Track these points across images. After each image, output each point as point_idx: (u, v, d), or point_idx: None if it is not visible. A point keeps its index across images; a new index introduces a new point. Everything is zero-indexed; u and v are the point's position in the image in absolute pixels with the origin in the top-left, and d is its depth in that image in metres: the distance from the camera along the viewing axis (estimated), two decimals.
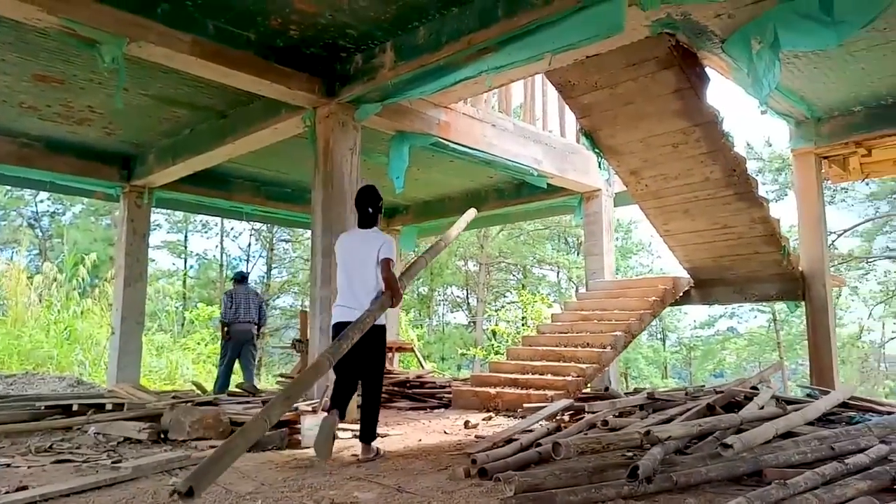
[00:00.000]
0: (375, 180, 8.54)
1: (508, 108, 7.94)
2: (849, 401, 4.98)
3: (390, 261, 4.13)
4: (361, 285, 4.19)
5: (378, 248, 4.17)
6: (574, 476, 2.94)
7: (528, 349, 7.55)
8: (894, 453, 3.48)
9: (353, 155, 6.17)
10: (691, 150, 6.17)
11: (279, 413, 3.35)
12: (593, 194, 8.76)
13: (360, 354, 4.02)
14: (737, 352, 26.79)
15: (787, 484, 2.54)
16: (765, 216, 6.60)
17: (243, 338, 8.70)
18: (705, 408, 4.84)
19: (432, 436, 5.14)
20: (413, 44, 5.35)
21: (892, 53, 5.57)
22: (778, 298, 7.59)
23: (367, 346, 4.01)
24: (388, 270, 4.09)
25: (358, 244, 4.30)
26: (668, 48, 5.37)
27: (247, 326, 8.70)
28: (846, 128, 6.87)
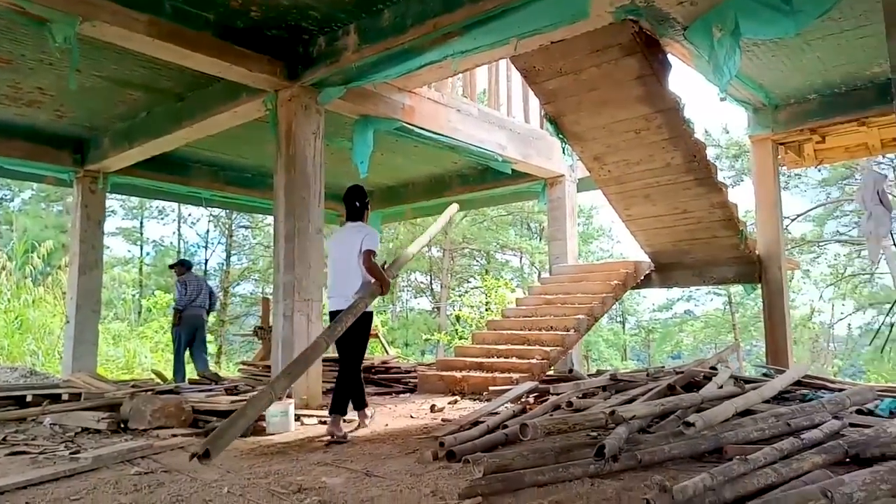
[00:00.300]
0: (339, 165, 8.53)
1: (473, 94, 7.92)
2: (803, 379, 5.15)
3: (371, 251, 4.44)
4: (348, 275, 4.53)
5: (361, 240, 4.49)
6: (542, 456, 2.98)
7: (493, 333, 7.60)
8: (846, 428, 3.61)
9: (317, 139, 6.08)
10: (653, 136, 6.24)
11: (283, 387, 3.79)
12: (557, 180, 8.83)
13: (345, 335, 4.28)
14: (694, 334, 27.49)
15: (747, 459, 2.61)
16: (723, 201, 6.75)
17: (196, 323, 8.65)
18: (666, 388, 4.97)
19: (399, 420, 5.14)
20: (378, 27, 5.28)
21: (846, 43, 5.73)
22: (735, 281, 7.79)
23: (352, 331, 4.30)
24: (369, 260, 4.42)
25: (345, 236, 4.71)
26: (632, 35, 5.40)
27: (199, 312, 8.66)
28: (801, 115, 7.05)
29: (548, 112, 6.50)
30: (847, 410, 4.15)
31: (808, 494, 1.85)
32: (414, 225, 24.56)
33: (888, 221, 5.74)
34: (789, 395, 4.98)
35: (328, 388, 6.93)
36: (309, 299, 5.89)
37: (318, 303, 5.97)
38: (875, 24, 5.31)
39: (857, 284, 21.84)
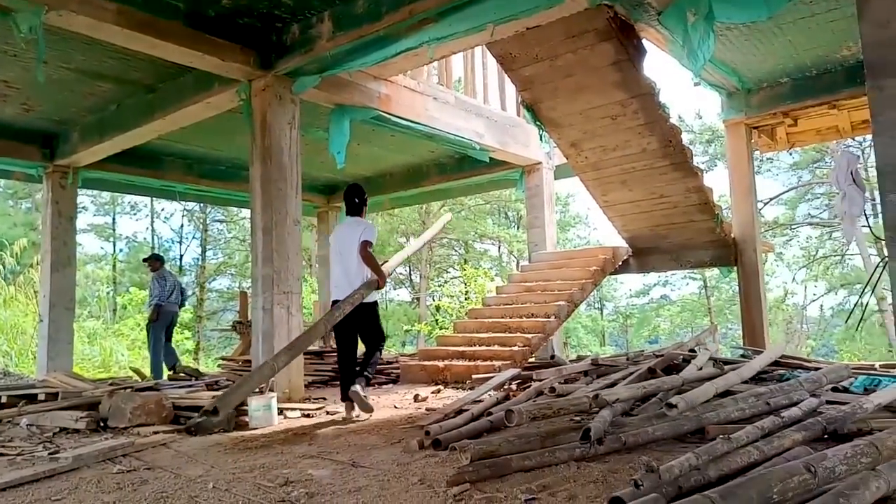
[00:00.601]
0: (315, 156, 8.45)
1: (449, 82, 7.88)
2: (780, 359, 5.24)
3: (368, 242, 4.81)
4: (348, 267, 4.88)
5: (360, 233, 4.85)
6: (527, 441, 2.99)
7: (474, 321, 7.62)
8: (823, 406, 3.68)
9: (292, 129, 6.01)
10: (629, 121, 6.28)
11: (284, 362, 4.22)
12: (534, 167, 8.84)
13: (360, 329, 4.93)
14: (670, 318, 27.87)
15: (730, 438, 2.64)
16: (699, 185, 6.81)
17: (172, 319, 8.71)
18: (647, 371, 5.01)
19: (382, 411, 5.13)
20: (352, 13, 5.22)
21: (816, 26, 5.80)
22: (712, 264, 7.89)
23: (363, 322, 4.90)
24: (364, 250, 4.77)
25: (345, 230, 5.04)
26: (607, 20, 5.41)
27: (174, 308, 8.80)
28: (774, 98, 7.14)
29: (524, 99, 6.50)
30: (823, 388, 4.23)
31: (792, 469, 1.88)
32: (392, 216, 24.49)
33: (861, 201, 5.85)
34: (767, 375, 5.06)
35: (310, 382, 6.92)
36: (288, 291, 5.83)
37: (297, 295, 5.92)
38: (844, 7, 5.38)
39: (829, 266, 22.28)
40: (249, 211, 6.17)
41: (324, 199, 11.68)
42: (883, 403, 3.70)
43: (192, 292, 25.06)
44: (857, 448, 2.12)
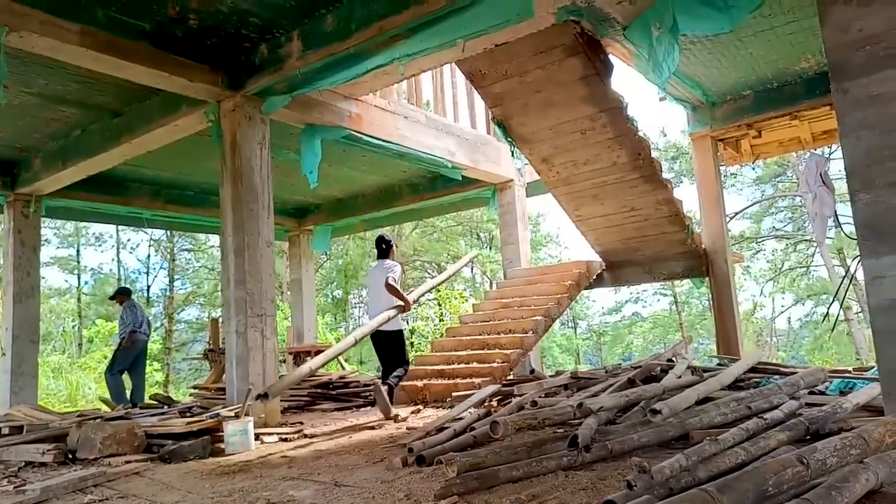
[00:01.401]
0: (286, 178, 8.37)
1: (419, 101, 7.91)
2: (756, 366, 5.28)
3: (391, 277, 6.09)
4: (377, 299, 6.31)
5: (386, 274, 6.13)
6: (514, 452, 2.94)
7: (452, 340, 7.56)
8: (803, 408, 3.71)
9: (263, 149, 5.94)
10: (599, 135, 6.35)
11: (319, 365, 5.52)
12: (506, 185, 8.88)
13: (385, 351, 6.28)
14: (643, 335, 28.12)
15: (717, 440, 2.63)
16: (669, 197, 6.90)
17: (143, 348, 8.61)
18: (627, 382, 5.02)
19: (362, 432, 5.03)
20: (321, 31, 5.21)
21: (776, 39, 5.96)
22: (684, 276, 7.97)
23: (387, 345, 6.25)
24: (388, 284, 6.05)
25: (375, 271, 6.45)
26: (574, 35, 5.49)
27: (145, 337, 8.66)
28: (738, 111, 7.30)
29: (495, 115, 6.54)
30: (801, 391, 4.27)
31: (786, 462, 1.86)
32: (364, 239, 24.38)
33: (832, 201, 5.99)
34: (744, 382, 5.10)
35: (286, 407, 6.77)
36: (262, 314, 5.72)
37: (271, 317, 5.81)
38: (802, 19, 5.55)
39: (795, 278, 22.76)
40: (219, 237, 6.07)
41: (295, 222, 11.57)
42: (861, 403, 3.75)
43: (161, 324, 24.56)
44: (846, 440, 2.12)
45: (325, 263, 25.41)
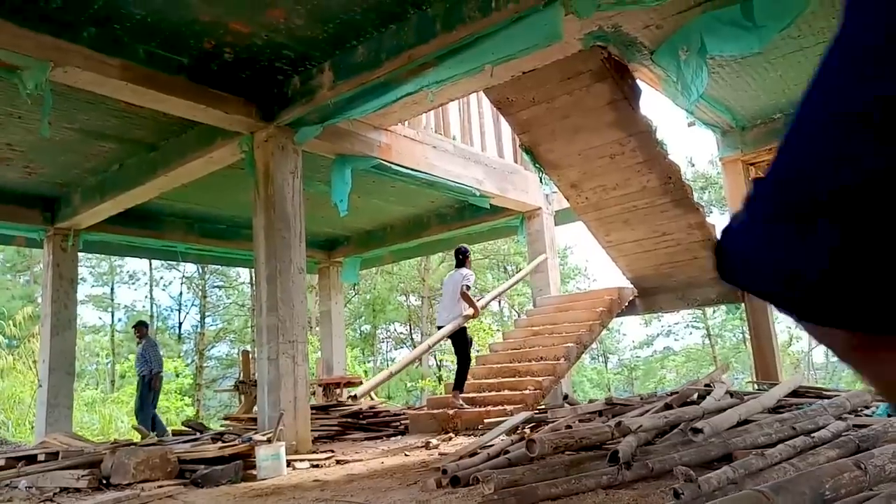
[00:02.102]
0: (316, 210, 8.48)
1: (447, 132, 7.99)
2: (798, 390, 5.12)
3: (465, 285, 6.85)
4: (449, 303, 7.00)
5: (460, 282, 6.88)
6: (552, 471, 2.88)
7: (483, 368, 7.48)
8: (851, 428, 3.57)
9: (295, 178, 6.05)
10: (628, 160, 6.34)
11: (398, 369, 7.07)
12: (534, 213, 8.87)
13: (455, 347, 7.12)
14: (676, 368, 27.54)
15: (764, 455, 2.55)
16: (701, 221, 6.83)
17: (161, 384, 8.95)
18: (663, 406, 4.89)
19: (394, 458, 4.97)
20: (352, 62, 5.33)
21: (806, 60, 5.93)
22: (718, 302, 7.82)
23: (456, 343, 7.01)
24: (463, 293, 6.83)
25: (449, 280, 7.21)
26: (601, 61, 5.54)
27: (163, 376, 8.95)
28: (769, 134, 7.23)
29: (523, 142, 6.58)
30: (847, 413, 4.12)
31: (843, 466, 1.79)
32: (390, 274, 24.45)
33: None
34: (784, 408, 4.95)
35: (317, 437, 6.74)
36: (294, 340, 5.74)
37: (303, 344, 5.82)
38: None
39: None
40: (250, 270, 6.14)
41: (324, 254, 11.66)
42: None
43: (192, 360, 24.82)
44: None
45: (353, 298, 25.51)
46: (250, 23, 4.91)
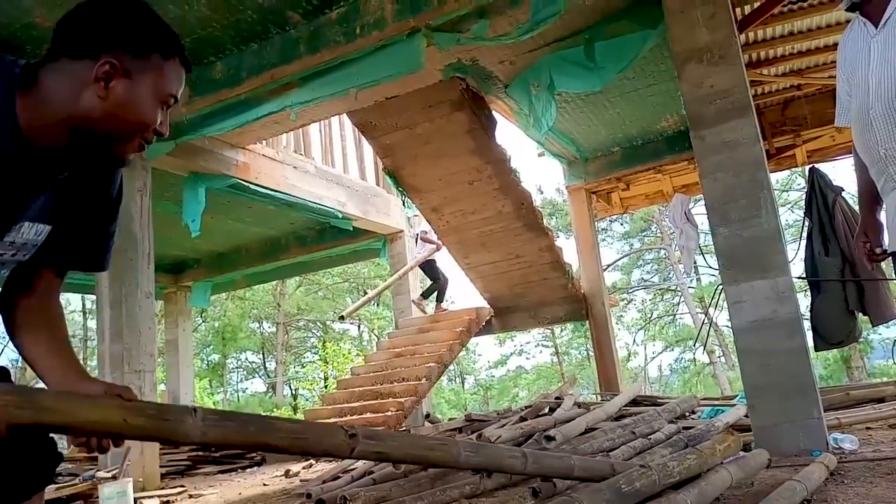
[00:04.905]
0: (164, 230, 8.01)
1: (308, 152, 7.93)
2: (637, 398, 5.61)
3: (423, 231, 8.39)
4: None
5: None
6: (418, 485, 2.94)
7: (344, 392, 7.41)
8: (681, 430, 3.99)
9: (143, 196, 5.71)
10: (485, 186, 6.66)
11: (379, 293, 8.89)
12: (396, 235, 9.00)
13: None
14: (527, 386, 28.80)
15: (610, 455, 2.79)
16: (550, 244, 7.30)
17: None
18: (518, 419, 5.16)
19: (252, 489, 4.79)
20: (210, 78, 5.17)
21: (639, 100, 6.60)
22: (566, 320, 8.36)
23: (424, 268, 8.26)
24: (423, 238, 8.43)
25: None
26: (460, 91, 5.81)
27: None
28: (608, 165, 7.93)
29: (386, 166, 6.70)
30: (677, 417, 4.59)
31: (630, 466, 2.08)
32: (243, 300, 23.43)
33: (696, 235, 6.61)
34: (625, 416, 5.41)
35: (164, 473, 6.30)
36: (141, 370, 5.37)
37: (151, 373, 5.46)
38: (660, 83, 6.20)
39: (663, 326, 24.37)
40: (83, 297, 5.68)
41: (172, 278, 10.98)
42: (730, 423, 4.10)
43: None
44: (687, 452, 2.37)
45: (200, 326, 24.15)
46: None
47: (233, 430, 1.11)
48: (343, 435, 1.27)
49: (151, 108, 1.16)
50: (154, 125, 1.17)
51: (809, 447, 3.17)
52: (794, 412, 3.26)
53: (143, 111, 1.15)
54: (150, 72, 1.15)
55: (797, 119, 7.08)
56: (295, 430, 1.21)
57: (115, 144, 1.16)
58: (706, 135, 3.51)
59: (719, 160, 3.47)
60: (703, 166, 3.53)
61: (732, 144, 3.44)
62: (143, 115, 1.15)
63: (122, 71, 1.10)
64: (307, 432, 1.24)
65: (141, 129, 1.16)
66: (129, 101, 1.12)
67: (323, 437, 1.27)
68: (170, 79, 1.18)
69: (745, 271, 3.37)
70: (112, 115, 1.11)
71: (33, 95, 1.09)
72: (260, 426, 1.15)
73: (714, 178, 3.49)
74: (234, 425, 1.11)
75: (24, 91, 1.08)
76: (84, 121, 1.11)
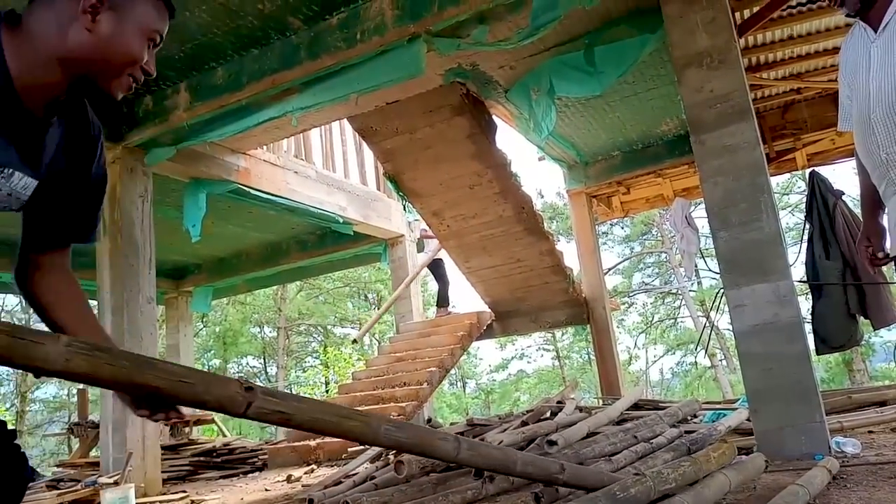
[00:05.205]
0: (165, 235, 8.02)
1: (309, 157, 7.94)
2: (639, 402, 5.60)
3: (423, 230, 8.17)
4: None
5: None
6: (420, 490, 2.94)
7: (345, 396, 7.41)
8: (682, 434, 3.99)
9: (145, 202, 5.72)
10: (485, 190, 6.66)
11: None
12: (397, 240, 9.01)
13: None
14: (529, 390, 28.76)
15: (612, 460, 2.79)
16: (551, 248, 7.31)
17: None
18: (520, 424, 5.15)
19: (254, 494, 4.79)
20: (211, 84, 5.18)
21: (639, 104, 6.61)
22: (567, 323, 8.35)
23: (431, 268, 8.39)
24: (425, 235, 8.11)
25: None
26: (461, 96, 5.82)
27: None
28: (608, 169, 7.93)
29: (387, 170, 6.71)
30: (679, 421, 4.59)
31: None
32: (244, 304, 23.43)
33: (696, 239, 6.61)
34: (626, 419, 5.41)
35: (166, 478, 6.30)
36: None
37: None
38: (660, 87, 6.21)
39: (665, 329, 24.36)
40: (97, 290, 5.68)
41: (173, 283, 10.99)
42: (732, 426, 4.10)
43: (12, 404, 22.19)
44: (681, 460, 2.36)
45: (201, 331, 24.16)
46: None
47: (102, 361, 0.99)
48: (237, 387, 1.16)
49: (138, 42, 1.18)
50: (141, 61, 1.20)
51: (812, 451, 3.17)
52: (797, 416, 3.26)
53: (131, 45, 1.16)
54: (135, 6, 1.17)
55: (797, 122, 7.09)
56: (178, 373, 1.09)
57: (103, 81, 1.18)
58: (706, 139, 3.52)
59: (719, 164, 3.47)
60: (703, 170, 3.54)
61: (733, 148, 3.45)
62: (130, 48, 1.16)
63: (108, 3, 1.12)
64: (193, 378, 1.11)
65: (129, 64, 1.18)
66: (116, 34, 1.14)
67: (212, 385, 1.14)
68: (155, 14, 1.21)
69: (745, 275, 3.38)
70: (99, 49, 1.13)
71: (19, 33, 1.10)
72: (136, 362, 1.04)
73: (714, 182, 3.49)
74: (106, 357, 1.00)
75: (9, 28, 1.10)
76: (72, 56, 1.12)
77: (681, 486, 2.14)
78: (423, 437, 1.64)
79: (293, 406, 1.28)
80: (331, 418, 1.38)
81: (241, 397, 1.17)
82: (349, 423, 1.41)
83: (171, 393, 1.09)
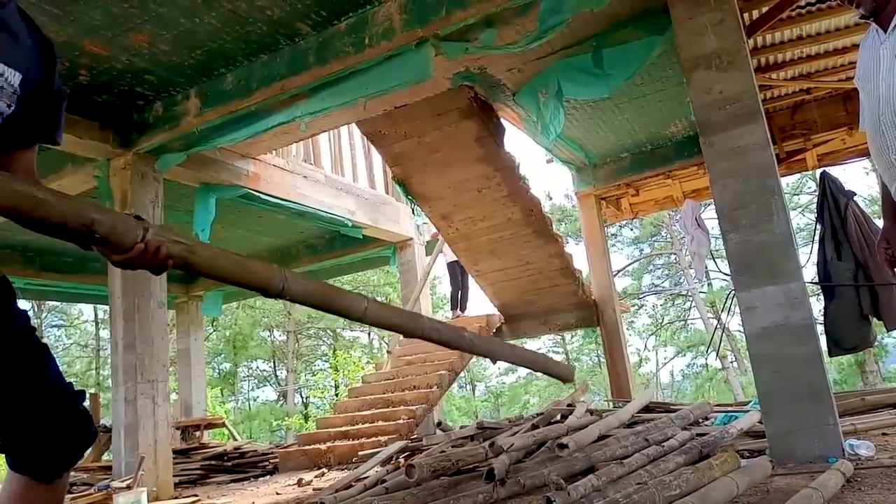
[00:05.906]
0: None
1: (318, 162, 7.97)
2: (649, 405, 5.58)
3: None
4: None
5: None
6: (431, 494, 2.94)
7: (355, 400, 7.42)
8: (694, 437, 3.97)
9: (155, 207, 5.76)
10: (494, 193, 6.66)
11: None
12: (406, 244, 9.03)
13: None
14: (538, 393, 28.69)
15: (623, 463, 2.78)
16: (560, 251, 7.29)
17: None
18: (531, 427, 5.14)
19: (265, 498, 4.80)
20: (221, 90, 5.21)
21: (648, 106, 6.59)
22: (577, 326, 8.34)
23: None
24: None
25: None
26: (469, 100, 5.83)
27: None
28: (617, 171, 7.91)
29: (395, 174, 6.73)
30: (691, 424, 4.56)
31: None
32: (253, 308, 23.52)
33: (707, 241, 6.58)
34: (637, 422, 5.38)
35: (177, 482, 6.33)
36: (153, 380, 5.41)
37: (164, 383, 5.50)
38: (669, 89, 6.20)
39: (675, 331, 24.23)
40: (95, 307, 5.73)
41: (183, 288, 11.05)
42: (744, 429, 4.07)
43: None
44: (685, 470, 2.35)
45: (211, 335, 24.26)
46: (110, 45, 4.67)
47: None
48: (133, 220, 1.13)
49: None
50: None
51: (825, 454, 3.15)
52: (809, 418, 3.24)
53: None
54: None
55: (807, 123, 7.04)
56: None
57: None
58: (716, 141, 3.51)
59: (729, 166, 3.46)
60: (712, 172, 3.53)
61: (742, 150, 3.44)
62: None
63: None
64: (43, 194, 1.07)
65: None
66: None
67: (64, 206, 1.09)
68: None
69: (756, 277, 3.36)
70: None
71: None
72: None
73: (724, 183, 3.48)
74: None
75: None
76: None
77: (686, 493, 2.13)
78: (328, 292, 1.52)
79: (199, 250, 1.27)
80: (233, 266, 1.34)
81: (137, 228, 1.16)
82: (252, 266, 1.36)
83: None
